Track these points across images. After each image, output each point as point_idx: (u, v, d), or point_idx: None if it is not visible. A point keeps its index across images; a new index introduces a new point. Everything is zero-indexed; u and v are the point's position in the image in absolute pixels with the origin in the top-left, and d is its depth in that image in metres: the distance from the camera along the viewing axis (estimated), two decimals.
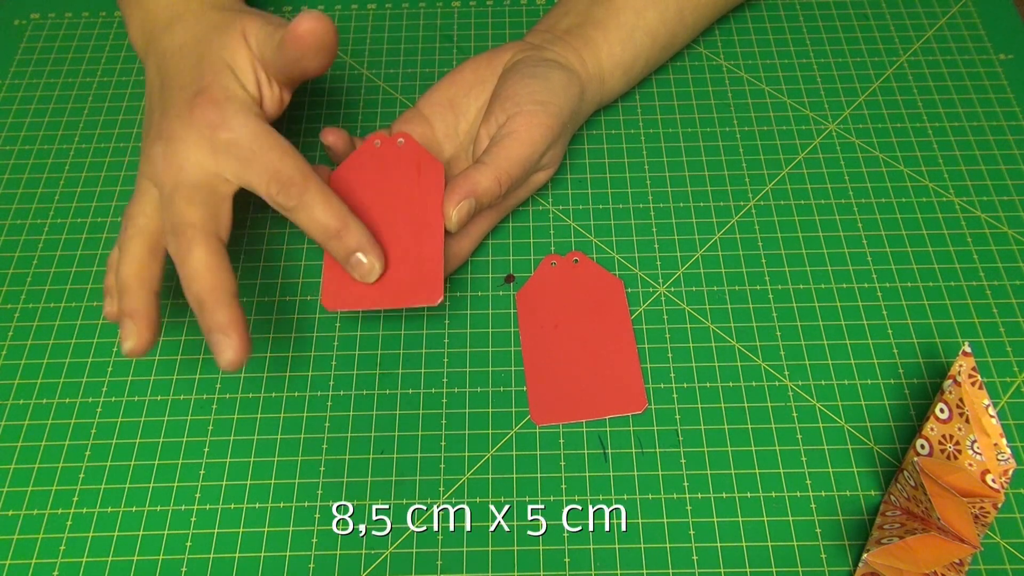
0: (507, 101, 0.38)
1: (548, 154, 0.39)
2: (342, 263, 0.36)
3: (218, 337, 0.32)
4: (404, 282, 0.36)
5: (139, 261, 0.34)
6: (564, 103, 0.39)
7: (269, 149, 0.34)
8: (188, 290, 0.33)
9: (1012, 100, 0.46)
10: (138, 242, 0.34)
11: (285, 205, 0.34)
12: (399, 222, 0.37)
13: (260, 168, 0.34)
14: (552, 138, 0.38)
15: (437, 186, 0.37)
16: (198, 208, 0.33)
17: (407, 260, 0.36)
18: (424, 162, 0.38)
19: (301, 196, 0.34)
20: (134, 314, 0.33)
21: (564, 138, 0.41)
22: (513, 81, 0.39)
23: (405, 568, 0.34)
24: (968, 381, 0.32)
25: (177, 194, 0.34)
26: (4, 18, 0.52)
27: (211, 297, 0.32)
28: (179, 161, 0.34)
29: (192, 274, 0.32)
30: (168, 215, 0.34)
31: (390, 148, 0.39)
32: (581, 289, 0.40)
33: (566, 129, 0.40)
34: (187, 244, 0.33)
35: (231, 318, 0.32)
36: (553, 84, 0.39)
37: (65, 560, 0.34)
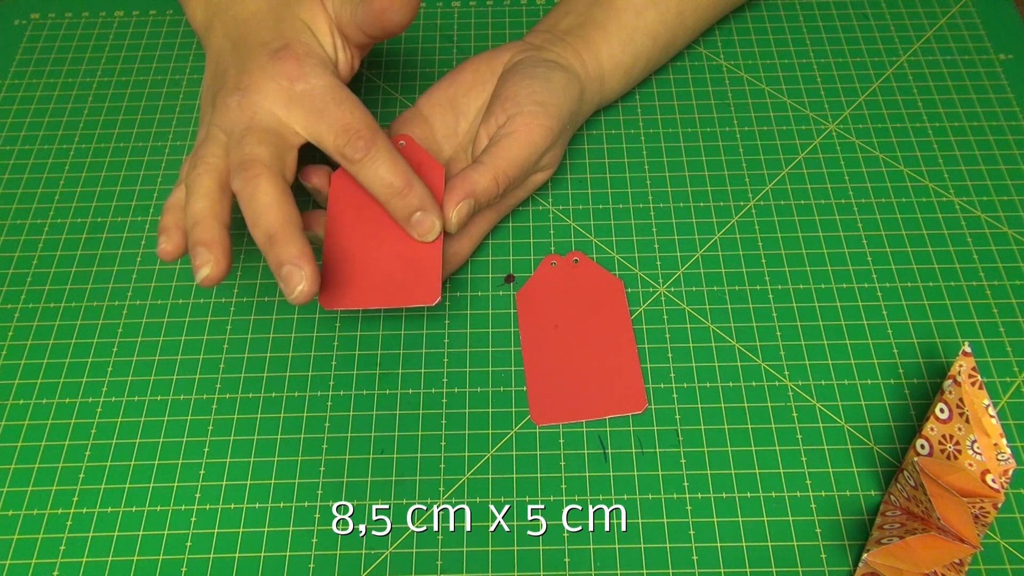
0: (507, 101, 0.38)
1: (547, 155, 0.39)
2: (402, 221, 0.36)
3: (289, 269, 0.32)
4: (402, 282, 0.36)
5: (211, 195, 0.34)
6: (564, 104, 0.39)
7: (341, 103, 0.35)
8: (256, 226, 0.33)
9: (1012, 100, 0.46)
10: (209, 178, 0.34)
11: (352, 157, 0.34)
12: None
13: (331, 120, 0.34)
14: (552, 139, 0.38)
15: (437, 187, 0.37)
16: (267, 147, 0.34)
17: (405, 260, 0.36)
18: (425, 163, 0.38)
19: (368, 150, 0.34)
20: (210, 243, 0.33)
21: (563, 139, 0.40)
22: (513, 82, 0.39)
23: (405, 568, 0.34)
24: (968, 381, 0.32)
25: (249, 134, 0.34)
26: (4, 18, 0.52)
27: (282, 230, 0.32)
28: (254, 108, 0.35)
29: (261, 209, 0.33)
30: (237, 153, 0.34)
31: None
32: (581, 289, 0.40)
33: (565, 130, 0.40)
34: (255, 179, 0.33)
35: (302, 250, 0.32)
36: (553, 85, 0.39)
37: (65, 560, 0.34)
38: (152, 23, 0.51)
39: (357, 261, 0.36)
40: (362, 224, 0.37)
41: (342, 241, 0.37)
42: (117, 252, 0.42)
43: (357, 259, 0.36)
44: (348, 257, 0.36)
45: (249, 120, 0.35)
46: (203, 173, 0.34)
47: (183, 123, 0.47)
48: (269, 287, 0.41)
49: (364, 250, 0.36)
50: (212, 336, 0.39)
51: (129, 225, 0.43)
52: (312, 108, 0.35)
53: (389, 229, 0.37)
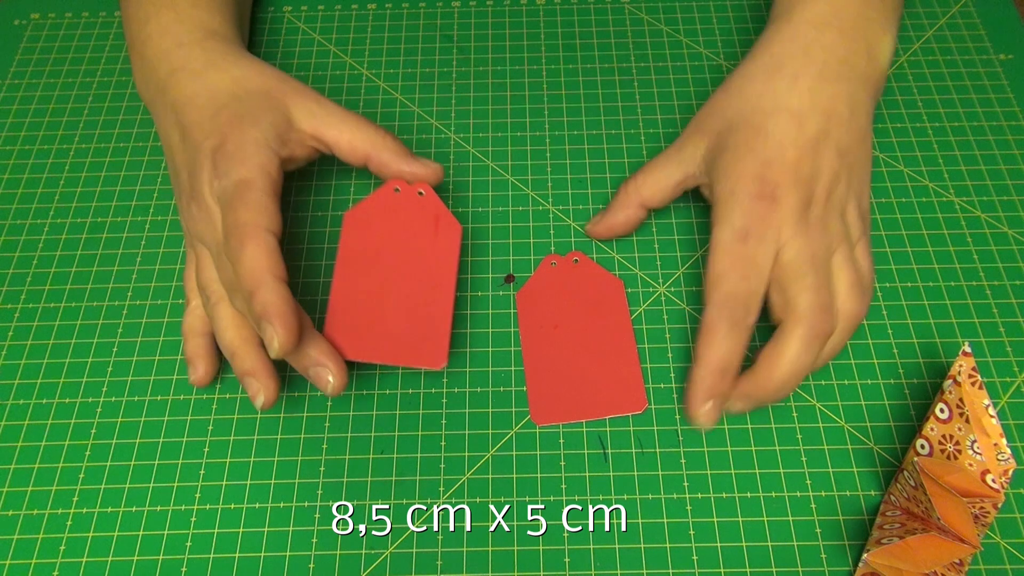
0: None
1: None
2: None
3: (250, 381, 0.34)
4: (409, 341, 0.34)
5: (235, 322, 0.34)
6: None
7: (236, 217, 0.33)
8: (257, 327, 0.32)
9: (1012, 100, 0.46)
10: (225, 305, 0.34)
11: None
12: (411, 275, 0.36)
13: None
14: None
15: (454, 246, 0.36)
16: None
17: (415, 317, 0.35)
18: (443, 218, 0.37)
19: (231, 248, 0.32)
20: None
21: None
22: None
23: (405, 568, 0.34)
24: (968, 381, 0.32)
25: (224, 250, 0.33)
26: (4, 18, 0.52)
27: (246, 346, 0.34)
28: (215, 220, 0.34)
29: (262, 312, 0.31)
30: (223, 272, 0.34)
31: (409, 197, 0.37)
32: (581, 289, 0.40)
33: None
34: (249, 292, 0.32)
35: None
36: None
37: (65, 560, 0.34)
38: None
39: (365, 311, 0.35)
40: (373, 272, 0.36)
41: (351, 288, 0.35)
42: (117, 252, 0.42)
43: (365, 309, 0.35)
44: (356, 306, 0.35)
45: (216, 235, 0.34)
46: (217, 303, 0.34)
47: None
48: None
49: (373, 301, 0.35)
50: None
51: (129, 225, 0.43)
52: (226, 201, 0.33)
53: (401, 281, 0.36)
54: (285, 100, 0.37)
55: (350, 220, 0.37)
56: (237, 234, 0.32)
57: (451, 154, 0.45)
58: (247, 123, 0.35)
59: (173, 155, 0.37)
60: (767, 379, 0.33)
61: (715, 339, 0.33)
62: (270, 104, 0.36)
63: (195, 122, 0.36)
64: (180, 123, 0.36)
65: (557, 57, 0.49)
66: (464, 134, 0.46)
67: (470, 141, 0.46)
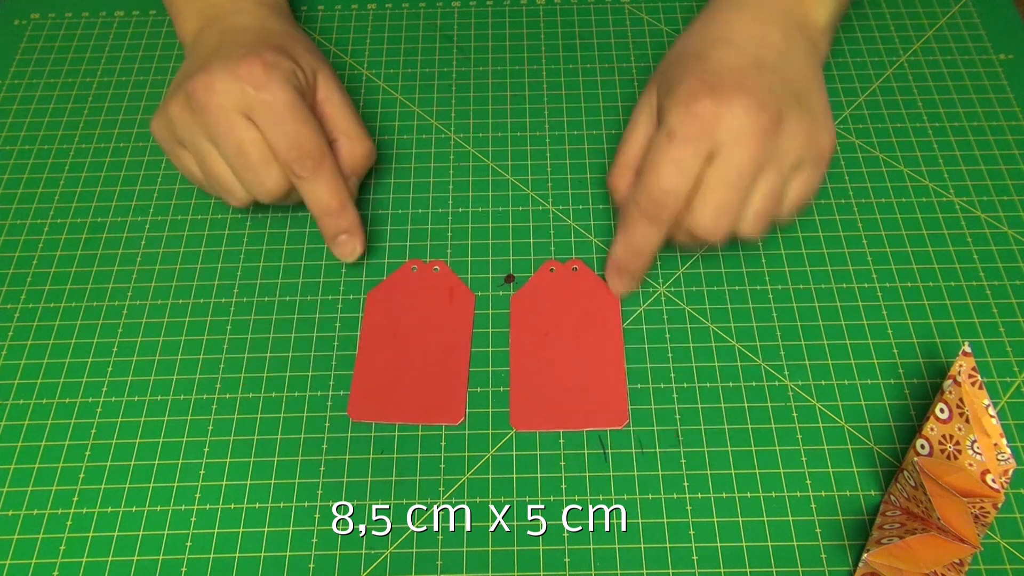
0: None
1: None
2: (329, 240, 0.39)
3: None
4: (429, 402, 0.37)
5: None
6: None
7: (298, 121, 0.36)
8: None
9: (1012, 100, 0.46)
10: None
11: (299, 173, 0.37)
12: (429, 343, 0.39)
13: (287, 134, 0.36)
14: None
15: (468, 314, 0.39)
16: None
17: (434, 380, 0.38)
18: (457, 289, 0.40)
19: (314, 170, 0.37)
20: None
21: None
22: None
23: (405, 568, 0.34)
24: (968, 381, 0.32)
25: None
26: (4, 18, 0.52)
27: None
28: (216, 87, 0.36)
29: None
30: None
31: (426, 274, 0.41)
32: (576, 298, 0.40)
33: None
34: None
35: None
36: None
37: (65, 560, 0.34)
38: (152, 23, 0.51)
39: (388, 379, 0.38)
40: (395, 343, 0.39)
41: (374, 358, 0.38)
42: (117, 252, 0.42)
43: (388, 377, 0.38)
44: (379, 374, 0.38)
45: (207, 97, 0.36)
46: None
47: None
48: (269, 287, 0.41)
49: (395, 369, 0.38)
50: (212, 336, 0.39)
51: (129, 225, 0.43)
52: (271, 119, 0.36)
53: (420, 350, 0.39)
54: (318, 69, 0.40)
55: (372, 299, 0.40)
56: (312, 156, 0.36)
57: (451, 154, 0.45)
58: (284, 56, 0.38)
59: (198, 55, 0.39)
60: (611, 252, 0.39)
61: (631, 229, 0.36)
62: (307, 61, 0.39)
63: (238, 42, 0.38)
64: (223, 42, 0.39)
65: (557, 57, 0.49)
66: (464, 134, 0.46)
67: (470, 141, 0.46)
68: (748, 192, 0.35)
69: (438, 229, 0.43)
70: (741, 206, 0.35)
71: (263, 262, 0.42)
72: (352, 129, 0.40)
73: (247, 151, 0.36)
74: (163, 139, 0.39)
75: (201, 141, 0.37)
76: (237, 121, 0.36)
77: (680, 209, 0.35)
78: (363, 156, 0.40)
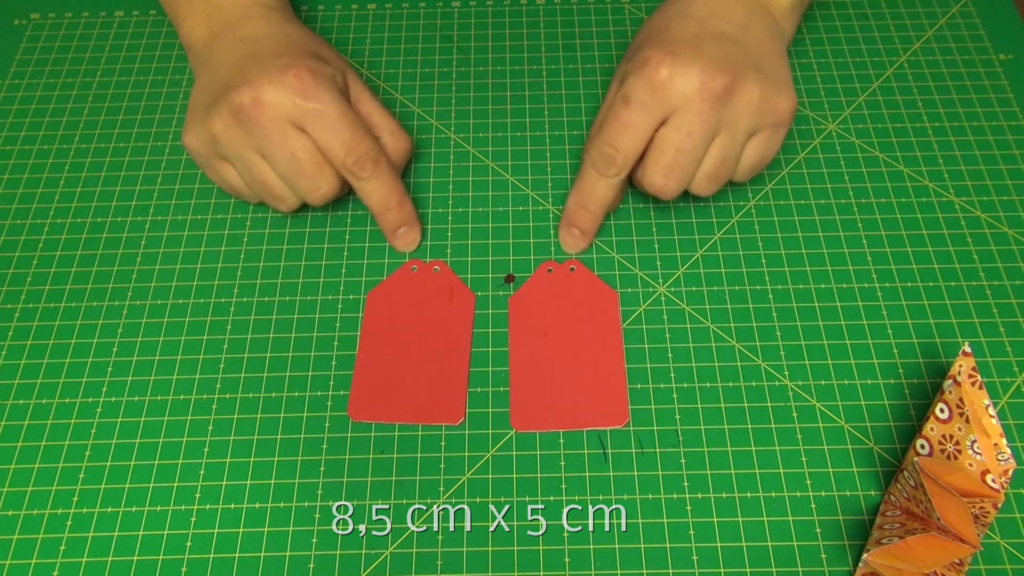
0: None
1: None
2: (388, 233, 0.41)
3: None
4: (429, 402, 0.37)
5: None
6: None
7: (352, 125, 0.38)
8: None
9: (1012, 100, 0.46)
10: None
11: (358, 174, 0.38)
12: (429, 343, 0.39)
13: (344, 139, 0.37)
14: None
15: (468, 314, 0.39)
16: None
17: (433, 381, 0.38)
18: (457, 289, 0.40)
19: (374, 170, 0.38)
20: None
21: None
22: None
23: (405, 568, 0.34)
24: (968, 381, 0.32)
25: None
26: (4, 18, 0.52)
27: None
28: (265, 100, 0.36)
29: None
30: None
31: (426, 274, 0.41)
32: (575, 298, 0.40)
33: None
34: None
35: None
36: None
37: (65, 560, 0.34)
38: (152, 23, 0.51)
39: (388, 379, 0.38)
40: (395, 343, 0.39)
41: (374, 358, 0.38)
42: (117, 252, 0.42)
43: (388, 377, 0.38)
44: (379, 374, 0.38)
45: (260, 112, 0.37)
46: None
47: (183, 123, 0.47)
48: (269, 287, 0.41)
49: (395, 369, 0.38)
50: (212, 336, 0.39)
51: (129, 225, 0.43)
52: (326, 126, 0.37)
53: (420, 350, 0.39)
54: (346, 71, 0.41)
55: (372, 299, 0.40)
56: (371, 158, 0.38)
57: (451, 154, 0.45)
58: (323, 62, 0.39)
59: (220, 71, 0.39)
60: (564, 207, 0.41)
61: (581, 182, 0.39)
62: (337, 65, 0.40)
63: (269, 51, 0.39)
64: (251, 51, 0.39)
65: (557, 57, 0.49)
66: (464, 134, 0.46)
67: (470, 141, 0.46)
68: (699, 154, 0.37)
69: (438, 229, 0.43)
70: (692, 167, 0.37)
71: (263, 262, 0.42)
72: (390, 125, 0.41)
73: (301, 159, 0.37)
74: (201, 154, 0.39)
75: (249, 155, 0.37)
76: (289, 132, 0.37)
77: (628, 166, 0.37)
78: (405, 151, 0.41)
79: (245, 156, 0.38)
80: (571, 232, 0.41)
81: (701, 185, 0.38)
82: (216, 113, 0.37)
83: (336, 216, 0.43)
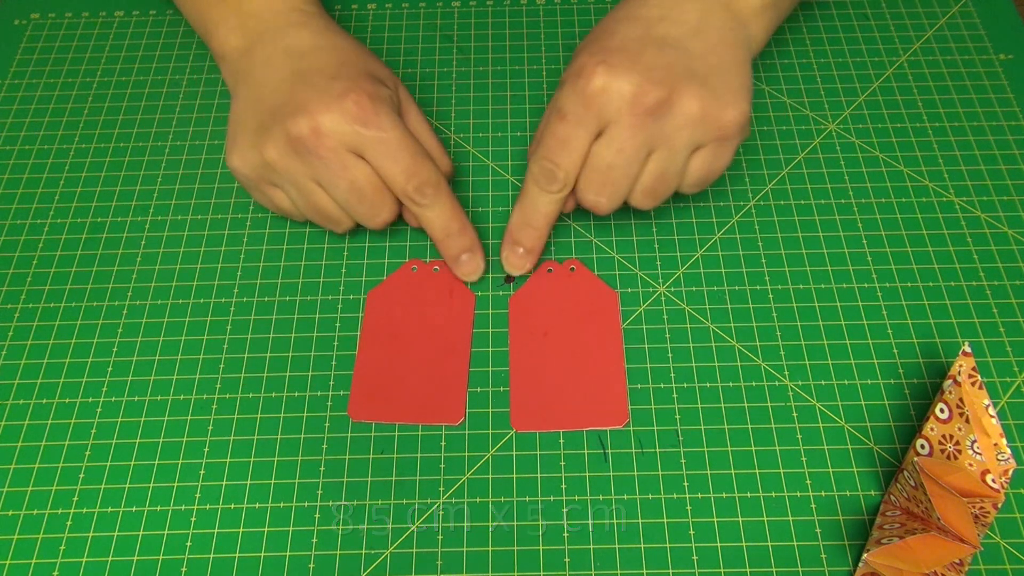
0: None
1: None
2: (450, 260, 0.39)
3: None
4: (429, 402, 0.37)
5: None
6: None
7: (413, 153, 0.36)
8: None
9: (1012, 100, 0.46)
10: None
11: (419, 201, 0.37)
12: (430, 343, 0.39)
13: (404, 167, 0.36)
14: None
15: (467, 312, 0.39)
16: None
17: (434, 381, 0.38)
18: (456, 289, 0.40)
19: (435, 197, 0.37)
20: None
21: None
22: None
23: (405, 568, 0.34)
24: (968, 381, 0.32)
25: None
26: (4, 18, 0.52)
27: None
28: (324, 129, 0.35)
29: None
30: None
31: (426, 274, 0.41)
32: (575, 298, 0.40)
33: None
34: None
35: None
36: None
37: (65, 560, 0.34)
38: (152, 23, 0.51)
39: (388, 379, 0.38)
40: (395, 343, 0.39)
41: (374, 358, 0.38)
42: (117, 252, 0.42)
43: (388, 377, 0.38)
44: (379, 374, 0.38)
45: (318, 141, 0.35)
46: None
47: (183, 123, 0.47)
48: (269, 287, 0.41)
49: (395, 369, 0.38)
50: (212, 336, 0.39)
51: (129, 225, 0.43)
52: (386, 154, 0.36)
53: (420, 349, 0.38)
54: (398, 87, 0.40)
55: (372, 299, 0.40)
56: (431, 183, 0.37)
57: (451, 154, 0.45)
58: (380, 84, 0.38)
59: (269, 86, 0.37)
60: (510, 222, 0.39)
61: (524, 198, 0.38)
62: (391, 83, 0.39)
63: (318, 68, 0.37)
64: (299, 68, 0.37)
65: (557, 57, 0.49)
66: (464, 134, 0.46)
67: (470, 141, 0.46)
68: (633, 170, 0.35)
69: None
70: (626, 183, 0.36)
71: (263, 262, 0.42)
72: (436, 147, 0.40)
73: (362, 187, 0.36)
74: (251, 179, 0.38)
75: (306, 182, 0.37)
76: (349, 160, 0.36)
77: (572, 181, 0.36)
78: (448, 173, 0.41)
79: (301, 184, 0.37)
80: (514, 251, 0.39)
81: (639, 200, 0.37)
82: (271, 140, 0.36)
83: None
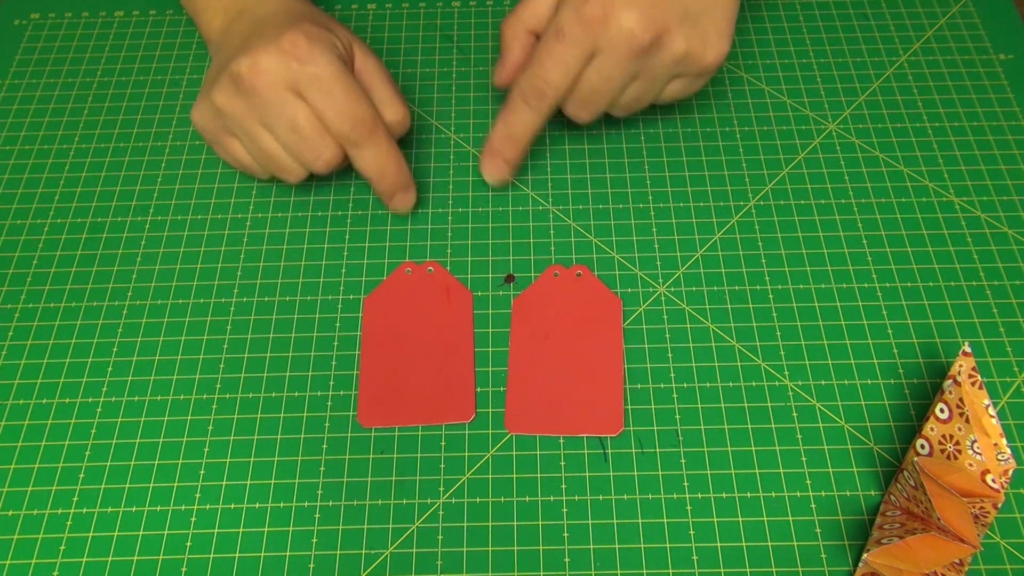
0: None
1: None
2: (386, 198, 0.41)
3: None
4: (438, 402, 0.37)
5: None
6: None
7: (347, 89, 0.37)
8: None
9: (1012, 100, 0.46)
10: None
11: (353, 141, 0.37)
12: (432, 344, 0.38)
13: (339, 105, 0.37)
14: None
15: (467, 311, 0.39)
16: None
17: (441, 380, 0.38)
18: (453, 288, 0.40)
19: (369, 137, 0.38)
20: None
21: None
22: None
23: (405, 568, 0.34)
24: (968, 381, 0.32)
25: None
26: (4, 18, 0.52)
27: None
28: (261, 66, 0.36)
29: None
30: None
31: (421, 276, 0.41)
32: (578, 303, 0.40)
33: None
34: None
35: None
36: None
37: (65, 560, 0.34)
38: (152, 23, 0.51)
39: (394, 382, 0.38)
40: (397, 346, 0.39)
41: (379, 363, 0.38)
42: (117, 252, 0.42)
43: (394, 380, 0.38)
44: (385, 378, 0.38)
45: (256, 78, 0.36)
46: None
47: (183, 123, 0.47)
48: (269, 287, 0.41)
49: (400, 372, 0.38)
50: (212, 336, 0.39)
51: (129, 225, 0.43)
52: (320, 90, 0.36)
53: (424, 351, 0.38)
54: (353, 40, 0.41)
55: (369, 304, 0.40)
56: (366, 124, 0.37)
57: (451, 154, 0.45)
58: (323, 28, 0.38)
59: (227, 48, 0.40)
60: (489, 136, 0.41)
61: (510, 112, 0.39)
62: (342, 34, 0.40)
63: (273, 23, 0.39)
64: (257, 28, 0.39)
65: None
66: (464, 134, 0.46)
67: (470, 141, 0.46)
68: (616, 94, 0.38)
69: (438, 229, 0.43)
70: (606, 103, 0.39)
71: (263, 262, 0.42)
72: (390, 95, 0.40)
73: (301, 126, 0.37)
74: (208, 130, 0.40)
75: (252, 125, 0.38)
76: (287, 98, 0.36)
77: (559, 99, 0.38)
78: (400, 122, 0.41)
79: (248, 127, 0.38)
80: (494, 162, 0.41)
81: (617, 112, 0.40)
82: (219, 86, 0.37)
83: (336, 216, 0.43)
